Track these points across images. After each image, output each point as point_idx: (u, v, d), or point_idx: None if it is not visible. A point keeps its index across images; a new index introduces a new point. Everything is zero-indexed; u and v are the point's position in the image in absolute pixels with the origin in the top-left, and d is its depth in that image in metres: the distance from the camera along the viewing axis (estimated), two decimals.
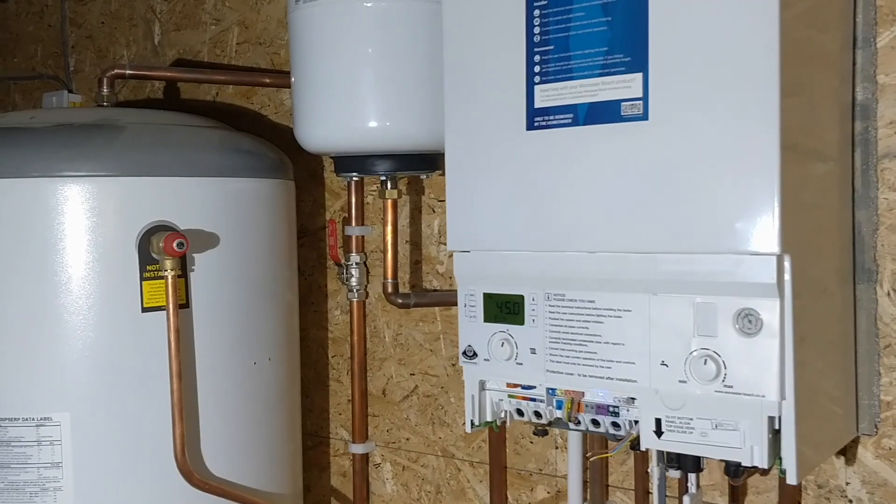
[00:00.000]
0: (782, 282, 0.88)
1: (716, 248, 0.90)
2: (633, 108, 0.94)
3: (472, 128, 1.06)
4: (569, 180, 0.99)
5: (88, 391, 1.20)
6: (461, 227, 1.09)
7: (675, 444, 0.96)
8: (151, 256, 1.20)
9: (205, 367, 1.25)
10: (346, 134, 1.29)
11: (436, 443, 1.55)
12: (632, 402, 1.00)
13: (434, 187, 1.52)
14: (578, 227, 0.99)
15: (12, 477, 1.20)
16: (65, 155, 1.20)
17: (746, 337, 0.90)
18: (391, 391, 1.59)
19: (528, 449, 1.45)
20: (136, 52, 1.94)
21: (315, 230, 1.67)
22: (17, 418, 1.19)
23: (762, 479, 1.21)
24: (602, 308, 0.99)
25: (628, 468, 1.34)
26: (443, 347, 1.53)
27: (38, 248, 1.19)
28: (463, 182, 1.08)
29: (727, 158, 0.89)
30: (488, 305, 1.10)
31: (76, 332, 1.19)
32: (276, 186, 1.39)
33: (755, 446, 0.91)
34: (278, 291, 1.40)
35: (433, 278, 1.53)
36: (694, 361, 0.93)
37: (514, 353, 1.08)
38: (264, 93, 1.72)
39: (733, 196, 0.89)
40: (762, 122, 0.87)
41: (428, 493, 1.57)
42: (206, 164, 1.27)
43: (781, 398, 0.89)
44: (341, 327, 1.65)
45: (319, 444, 1.70)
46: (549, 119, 1.00)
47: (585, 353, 1.01)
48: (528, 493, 1.45)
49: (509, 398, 1.11)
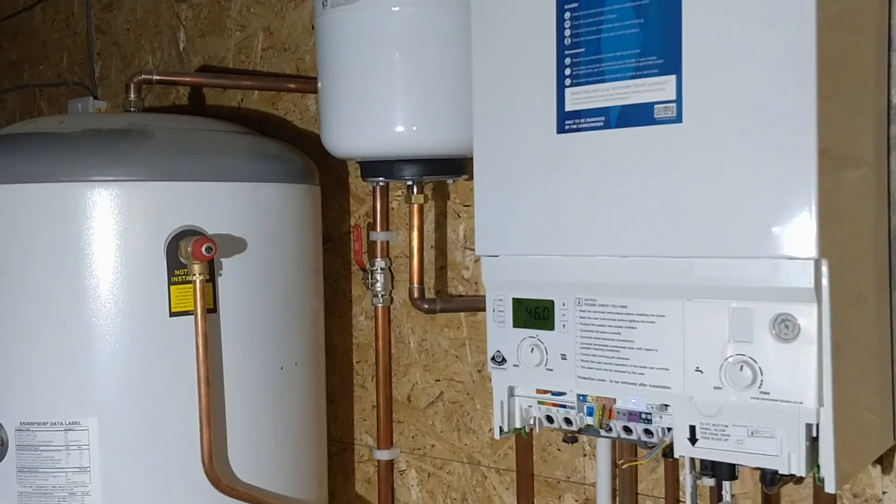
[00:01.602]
0: (820, 286, 0.87)
1: (752, 253, 0.89)
2: (667, 111, 0.93)
3: (501, 131, 1.06)
4: (600, 184, 0.98)
5: (116, 396, 1.20)
6: (490, 232, 1.08)
7: (710, 452, 0.94)
8: (179, 261, 1.20)
9: (232, 372, 1.25)
10: (372, 139, 1.29)
11: (462, 450, 1.54)
12: (665, 409, 0.99)
13: (459, 192, 1.51)
14: (610, 231, 0.98)
15: (40, 482, 1.20)
16: (94, 160, 1.21)
17: (783, 343, 0.89)
18: (416, 397, 1.59)
19: (556, 457, 1.43)
20: (161, 59, 1.95)
21: (340, 236, 1.67)
22: (46, 423, 1.20)
23: (796, 488, 1.19)
24: (635, 313, 0.98)
25: (658, 476, 1.32)
26: (468, 354, 1.52)
27: (67, 252, 1.19)
28: (492, 186, 1.07)
29: (763, 161, 0.88)
30: (517, 311, 1.09)
31: (104, 337, 1.19)
32: (303, 192, 1.39)
33: (792, 454, 0.89)
34: (304, 297, 1.39)
35: (458, 284, 1.52)
36: (729, 368, 0.91)
37: (543, 359, 1.07)
38: (289, 99, 1.72)
39: (770, 200, 0.88)
40: (799, 125, 0.86)
41: (454, 500, 1.56)
42: (234, 169, 1.28)
43: (819, 405, 0.88)
44: (366, 333, 1.65)
45: (344, 451, 1.70)
46: (581, 122, 0.99)
47: (618, 360, 1.00)
48: (556, 501, 1.44)
49: (539, 404, 1.10)
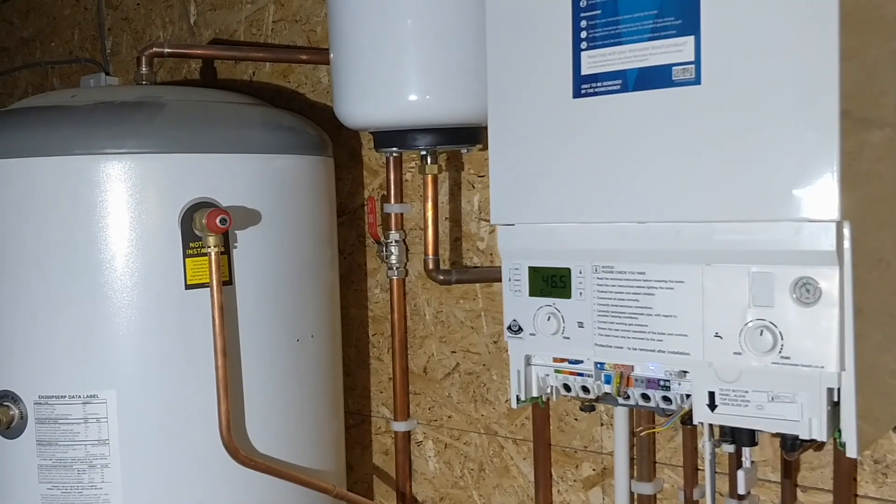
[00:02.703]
0: (842, 249, 0.86)
1: (773, 216, 0.87)
2: (685, 73, 0.91)
3: (516, 97, 1.04)
4: (617, 149, 0.97)
5: (134, 368, 1.21)
6: (505, 200, 1.07)
7: (730, 418, 0.93)
8: (194, 233, 1.19)
9: (249, 343, 1.25)
10: (386, 108, 1.28)
11: (478, 420, 1.54)
12: (684, 376, 0.98)
13: (474, 163, 1.50)
14: (628, 197, 0.97)
15: (60, 454, 1.20)
16: (107, 132, 1.20)
17: (804, 307, 0.88)
18: (432, 369, 1.58)
19: (573, 426, 1.43)
20: (172, 33, 1.94)
21: (354, 209, 1.66)
22: (64, 396, 1.20)
23: (816, 455, 1.18)
24: (653, 280, 0.97)
25: (676, 445, 1.31)
26: (484, 325, 1.51)
27: (82, 225, 1.19)
28: (507, 153, 1.06)
29: (784, 123, 0.87)
30: (534, 279, 1.08)
31: (121, 310, 1.19)
32: (316, 163, 1.38)
33: (814, 419, 0.88)
34: (320, 269, 1.39)
35: (473, 255, 1.52)
36: (749, 333, 0.90)
37: (560, 328, 1.06)
38: (301, 71, 1.71)
39: (791, 162, 0.86)
40: (821, 86, 0.84)
41: (471, 471, 1.56)
42: (247, 141, 1.27)
43: (841, 369, 0.87)
44: (381, 306, 1.64)
45: (361, 423, 1.70)
46: (597, 86, 0.97)
47: (636, 327, 0.99)
48: (574, 471, 1.44)
49: (556, 373, 1.09)
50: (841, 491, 1.15)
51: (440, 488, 1.60)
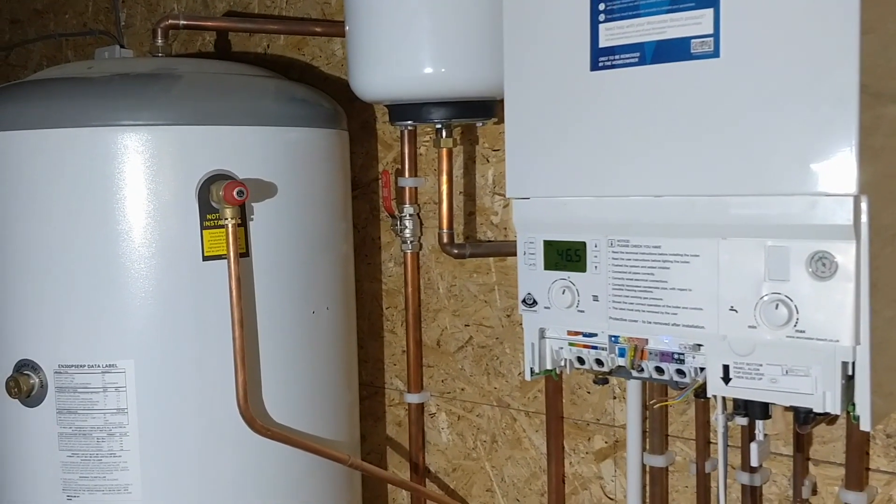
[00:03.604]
0: (859, 223, 0.86)
1: (790, 190, 0.87)
2: (704, 46, 0.91)
3: (532, 69, 1.04)
4: (634, 122, 0.97)
5: (151, 339, 1.22)
6: (520, 174, 1.08)
7: (744, 391, 0.94)
8: (211, 205, 1.20)
9: (265, 315, 1.26)
10: (401, 81, 1.28)
11: (491, 393, 1.55)
12: (698, 349, 0.98)
13: (488, 137, 1.50)
14: (644, 170, 0.97)
15: (80, 423, 1.22)
16: (123, 104, 1.21)
17: (820, 281, 0.88)
18: (445, 342, 1.59)
19: (585, 399, 1.44)
20: (186, 6, 1.93)
21: (368, 182, 1.67)
22: (83, 365, 1.22)
23: (828, 429, 1.19)
24: (668, 253, 0.97)
25: (689, 418, 1.32)
26: (497, 299, 1.52)
27: (99, 197, 1.20)
28: (523, 126, 1.06)
29: (802, 96, 0.86)
30: (549, 253, 1.08)
31: (139, 281, 1.21)
32: (331, 136, 1.38)
33: (828, 392, 0.89)
34: (334, 242, 1.40)
35: (487, 229, 1.52)
36: (765, 306, 0.91)
37: (575, 301, 1.06)
38: (315, 44, 1.71)
39: (809, 136, 0.86)
40: (840, 59, 0.84)
41: (484, 443, 1.57)
42: (263, 113, 1.27)
43: (856, 343, 0.87)
44: (395, 279, 1.65)
45: (375, 394, 1.71)
46: (615, 59, 0.97)
47: (650, 300, 0.99)
48: (586, 443, 1.45)
49: (570, 346, 1.10)
50: (853, 464, 1.15)
51: (453, 459, 1.61)
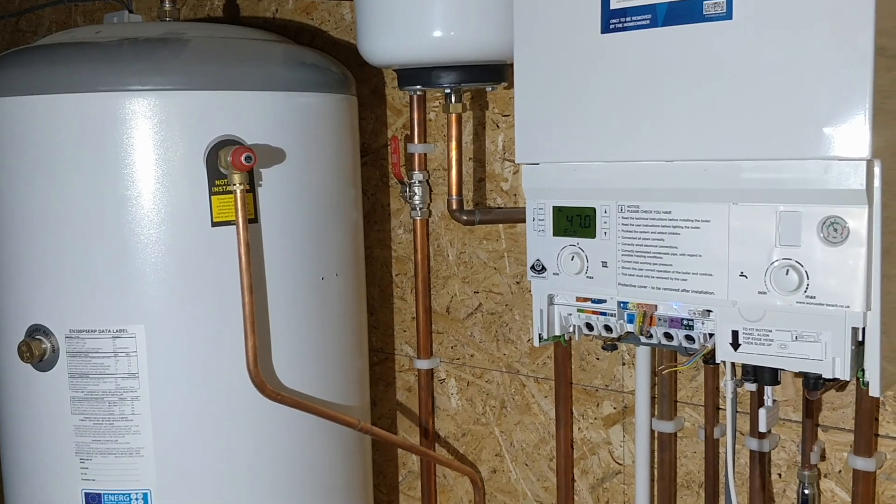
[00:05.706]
0: (872, 188, 0.85)
1: (802, 154, 0.87)
2: (717, 7, 0.89)
3: (542, 32, 1.03)
4: (646, 86, 0.96)
5: (161, 304, 1.22)
6: (530, 139, 1.07)
7: (753, 357, 0.94)
8: (220, 171, 1.20)
9: (274, 281, 1.26)
10: (410, 44, 1.26)
11: (500, 359, 1.55)
12: (707, 315, 0.98)
13: (498, 102, 1.49)
14: (655, 135, 0.96)
15: (91, 387, 1.23)
16: (132, 69, 1.20)
17: (831, 246, 0.87)
18: (455, 309, 1.60)
19: (594, 365, 1.44)
20: None
21: (377, 148, 1.66)
22: (94, 330, 1.22)
23: (837, 395, 1.19)
24: (679, 219, 0.97)
25: (698, 384, 1.32)
26: (507, 265, 1.52)
27: (109, 162, 1.19)
28: (533, 90, 1.05)
29: (816, 60, 0.85)
30: (558, 219, 1.08)
31: (148, 247, 1.21)
32: (340, 102, 1.37)
33: (837, 358, 0.89)
34: (344, 208, 1.39)
35: (497, 196, 1.51)
36: (775, 272, 0.90)
37: (584, 267, 1.06)
38: (324, 8, 1.69)
39: (822, 99, 0.85)
40: (856, 21, 0.83)
41: (493, 408, 1.58)
42: (271, 78, 1.26)
43: (867, 309, 0.87)
44: (405, 246, 1.65)
45: (385, 360, 1.72)
46: (626, 21, 0.96)
47: (660, 266, 0.99)
48: (595, 409, 1.45)
49: (578, 312, 1.10)
50: (862, 430, 1.15)
51: (462, 424, 1.62)
